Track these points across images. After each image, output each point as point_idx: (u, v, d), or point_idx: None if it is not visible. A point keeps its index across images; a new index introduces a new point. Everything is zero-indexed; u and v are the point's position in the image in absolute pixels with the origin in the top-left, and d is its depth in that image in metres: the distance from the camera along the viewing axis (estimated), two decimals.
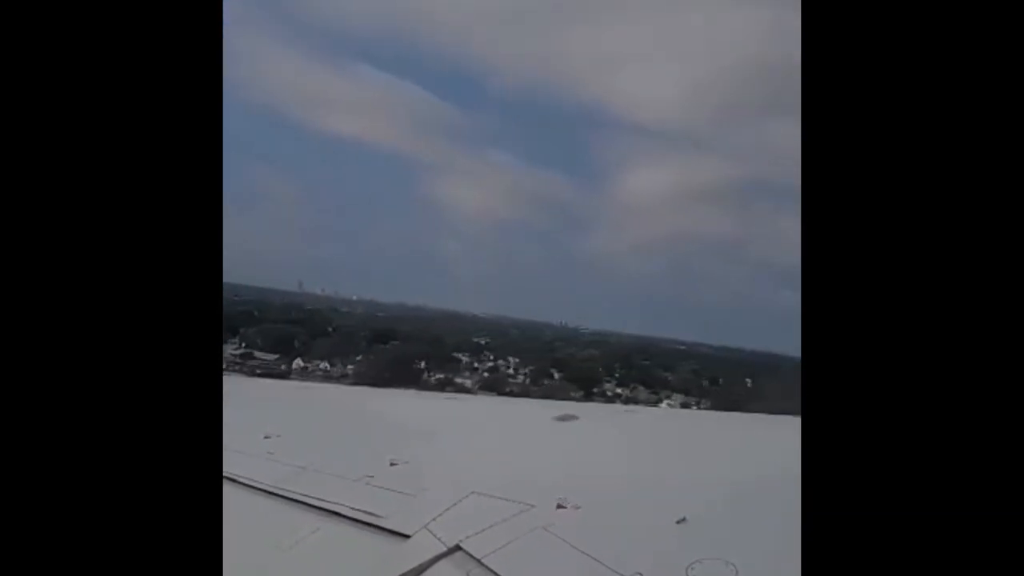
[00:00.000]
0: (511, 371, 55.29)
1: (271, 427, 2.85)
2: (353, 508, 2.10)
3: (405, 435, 2.89)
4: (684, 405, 43.45)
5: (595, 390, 51.22)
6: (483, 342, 68.28)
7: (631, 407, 3.65)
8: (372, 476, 2.28)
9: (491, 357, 59.14)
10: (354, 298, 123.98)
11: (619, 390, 53.15)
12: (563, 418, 2.84)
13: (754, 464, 2.27)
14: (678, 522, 1.75)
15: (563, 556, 1.69)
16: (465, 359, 58.43)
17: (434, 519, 1.95)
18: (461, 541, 1.81)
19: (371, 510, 2.06)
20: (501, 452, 2.63)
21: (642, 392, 52.46)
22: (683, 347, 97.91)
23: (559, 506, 1.91)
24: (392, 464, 2.37)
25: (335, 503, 2.15)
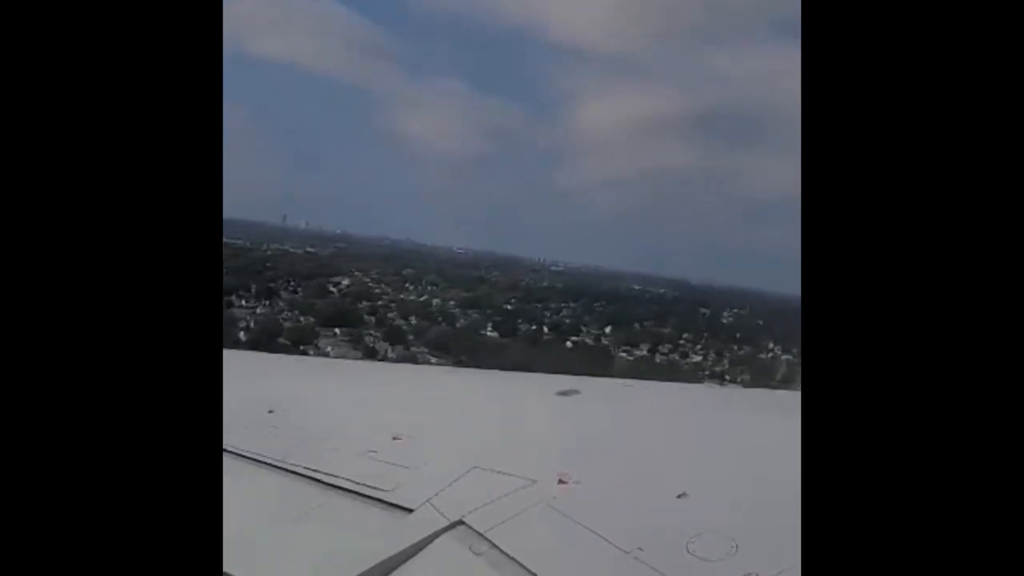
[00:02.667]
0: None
1: (274, 401, 2.90)
2: (356, 482, 2.12)
3: (408, 409, 2.92)
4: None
5: (303, 347, 44.22)
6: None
7: (630, 382, 3.91)
8: (375, 451, 2.31)
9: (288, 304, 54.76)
10: (337, 231, 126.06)
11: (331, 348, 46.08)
12: (565, 392, 2.83)
13: (754, 439, 2.23)
14: (678, 497, 1.77)
15: (565, 530, 1.71)
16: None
17: (437, 493, 1.97)
18: (464, 515, 1.84)
19: (374, 484, 2.08)
20: (503, 427, 2.63)
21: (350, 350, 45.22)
22: (638, 287, 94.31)
23: (560, 481, 1.92)
24: (395, 438, 2.38)
25: (339, 477, 2.17)
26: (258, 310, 52.33)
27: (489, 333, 57.79)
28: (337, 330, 50.00)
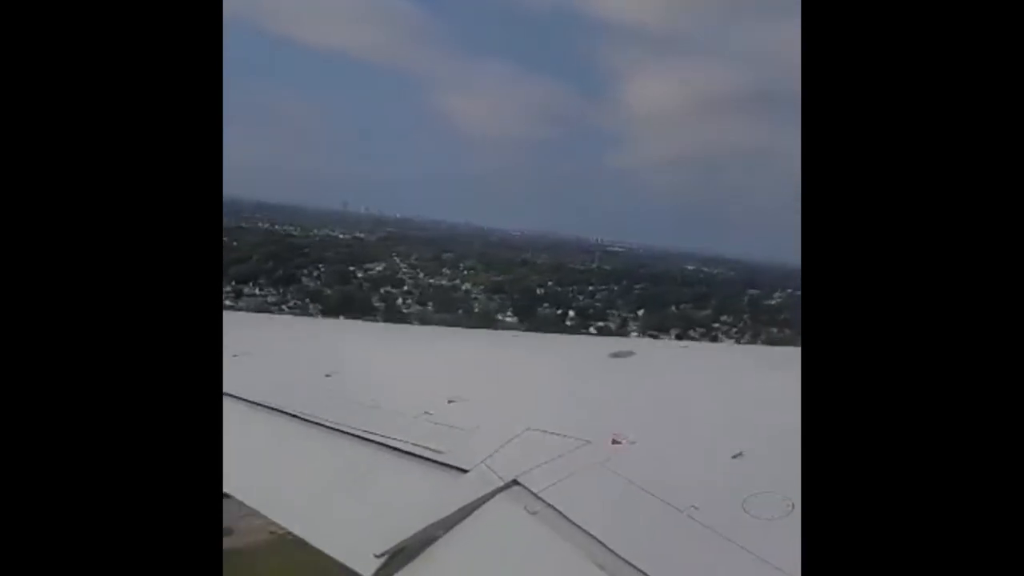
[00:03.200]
0: None
1: (331, 365, 3.02)
2: (413, 443, 2.17)
3: (463, 372, 3.04)
4: None
5: None
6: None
7: (685, 343, 3.85)
8: (431, 413, 2.36)
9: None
10: (397, 216, 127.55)
11: None
12: (618, 354, 2.87)
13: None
14: (734, 457, 1.79)
15: (619, 490, 1.76)
16: None
17: (491, 454, 2.01)
18: (518, 476, 1.87)
19: (430, 445, 2.13)
20: (557, 388, 2.70)
21: None
22: (691, 267, 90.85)
23: (614, 441, 1.95)
24: (450, 401, 2.44)
25: (395, 439, 2.22)
26: (269, 299, 52.91)
27: (507, 318, 56.47)
28: (341, 317, 49.88)
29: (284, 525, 2.08)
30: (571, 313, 61.22)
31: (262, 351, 3.35)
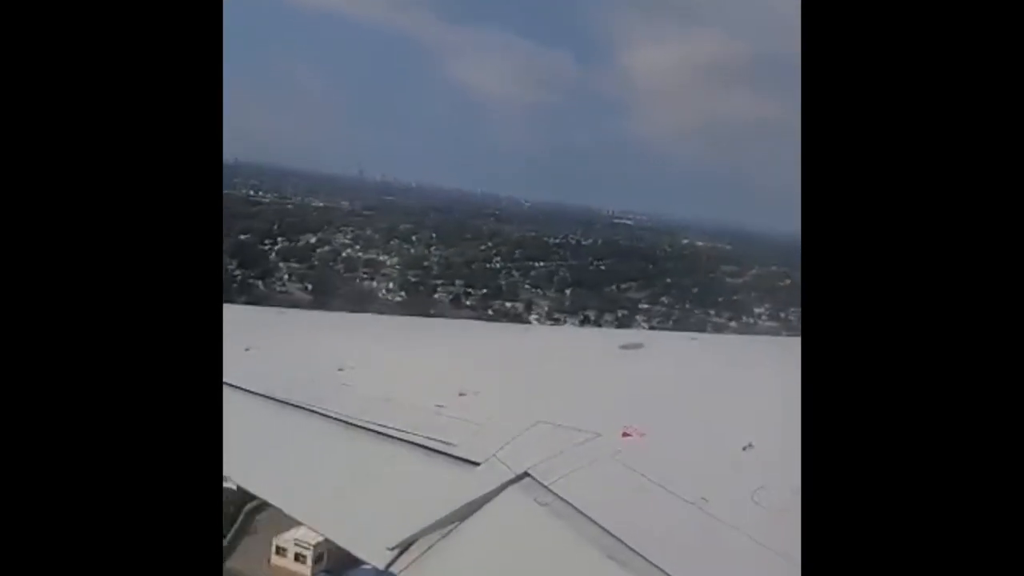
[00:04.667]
0: None
1: (341, 359, 3.00)
2: (425, 437, 2.17)
3: (474, 366, 3.00)
4: None
5: None
6: None
7: (695, 335, 4.41)
8: (442, 406, 2.36)
9: None
10: (413, 185, 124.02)
11: None
12: (628, 347, 2.89)
13: None
14: (744, 449, 1.79)
15: (629, 482, 1.76)
16: None
17: (502, 447, 2.02)
18: (529, 468, 1.88)
19: (442, 438, 2.14)
20: (567, 381, 2.68)
21: None
22: (685, 240, 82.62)
23: (625, 434, 1.95)
24: (461, 395, 2.43)
25: (407, 432, 2.23)
26: None
27: (395, 299, 51.67)
28: None
29: (298, 519, 2.16)
30: (485, 291, 55.75)
31: (272, 345, 3.20)
